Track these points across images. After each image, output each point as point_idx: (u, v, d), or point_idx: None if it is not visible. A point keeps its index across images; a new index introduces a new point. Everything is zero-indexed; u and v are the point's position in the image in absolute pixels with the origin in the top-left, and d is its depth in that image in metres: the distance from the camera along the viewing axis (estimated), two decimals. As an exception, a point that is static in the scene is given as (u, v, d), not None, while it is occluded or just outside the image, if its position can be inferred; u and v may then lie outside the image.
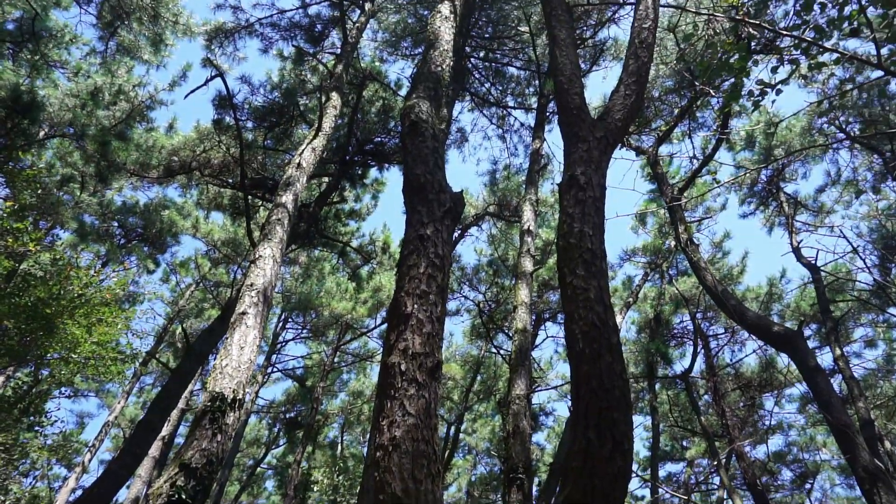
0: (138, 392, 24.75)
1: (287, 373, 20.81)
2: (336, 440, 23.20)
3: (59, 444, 22.75)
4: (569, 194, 3.14)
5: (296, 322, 20.39)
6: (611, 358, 2.57)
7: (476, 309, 16.86)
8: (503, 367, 18.04)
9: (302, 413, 21.19)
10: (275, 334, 20.49)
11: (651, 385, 16.70)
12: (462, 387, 19.21)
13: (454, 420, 19.09)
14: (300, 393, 21.20)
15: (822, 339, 16.47)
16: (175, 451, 17.12)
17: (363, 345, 21.21)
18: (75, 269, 13.10)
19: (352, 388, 22.12)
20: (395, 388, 2.88)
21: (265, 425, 24.19)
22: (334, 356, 18.91)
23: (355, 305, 18.05)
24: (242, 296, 6.37)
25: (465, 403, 18.69)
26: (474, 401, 19.68)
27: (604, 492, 2.31)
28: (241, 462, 25.18)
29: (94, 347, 13.12)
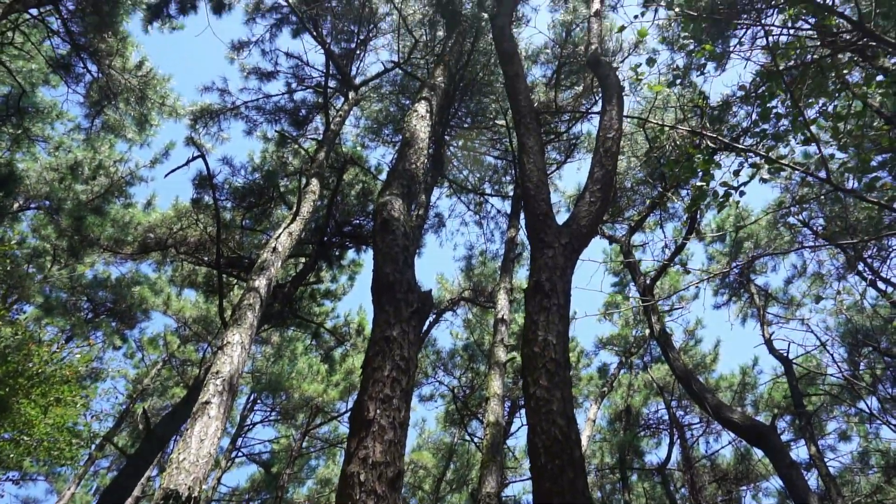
0: (92, 476, 23.42)
1: (253, 457, 19.94)
2: (300, 532, 21.94)
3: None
4: (534, 301, 3.18)
5: (265, 403, 19.77)
6: (573, 474, 2.52)
7: (450, 394, 16.57)
8: (476, 455, 17.54)
9: (266, 502, 20.16)
10: (242, 416, 19.79)
11: (624, 478, 16.30)
12: (434, 476, 18.55)
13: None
14: (265, 479, 20.23)
15: (796, 431, 16.39)
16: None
17: (333, 429, 20.53)
18: (37, 344, 12.69)
19: (320, 476, 21.17)
20: (353, 500, 2.78)
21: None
22: (303, 440, 18.24)
23: (327, 388, 17.63)
24: (207, 384, 6.20)
25: (437, 494, 17.98)
26: (447, 491, 18.95)
27: None
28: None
29: (49, 430, 12.50)
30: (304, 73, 13.97)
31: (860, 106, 5.68)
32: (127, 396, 20.32)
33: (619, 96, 4.77)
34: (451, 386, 16.59)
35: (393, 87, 14.99)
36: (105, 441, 17.10)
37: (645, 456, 17.30)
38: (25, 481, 23.72)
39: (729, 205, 5.97)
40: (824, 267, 15.40)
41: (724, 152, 10.48)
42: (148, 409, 18.28)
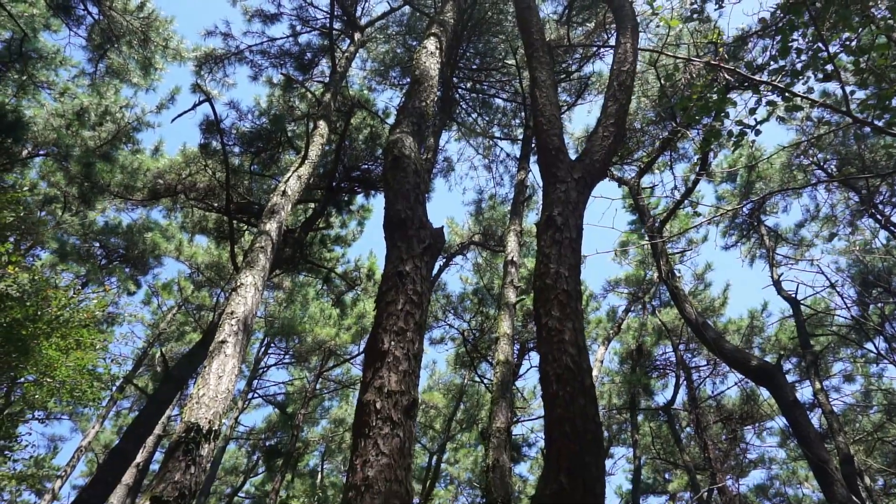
0: (114, 416, 24.25)
1: (268, 399, 20.53)
2: (316, 468, 22.80)
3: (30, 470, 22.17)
4: (546, 235, 3.19)
5: (278, 347, 20.19)
6: (584, 401, 2.58)
7: (460, 337, 16.82)
8: (486, 396, 17.96)
9: (282, 440, 20.86)
10: (256, 359, 20.26)
11: (633, 417, 16.67)
12: (445, 416, 19.05)
13: (436, 449, 18.88)
14: (281, 420, 20.88)
15: (801, 372, 16.60)
16: (149, 478, 16.74)
17: (346, 371, 21.02)
18: (53, 289, 12.91)
19: (334, 416, 21.82)
20: (369, 426, 2.87)
21: (244, 453, 23.74)
22: (316, 382, 18.70)
23: (339, 332, 17.93)
24: (222, 324, 6.32)
25: (448, 433, 18.50)
26: (457, 430, 19.50)
27: (575, 537, 2.31)
28: (218, 490, 24.62)
29: (70, 371, 12.86)
30: (309, 15, 13.63)
31: (884, 40, 5.49)
32: (144, 341, 20.80)
33: (634, 28, 4.62)
34: (462, 329, 16.83)
35: (399, 28, 14.62)
36: (126, 382, 17.60)
37: (653, 396, 17.64)
38: (51, 420, 24.64)
39: (743, 145, 5.86)
40: (837, 209, 15.26)
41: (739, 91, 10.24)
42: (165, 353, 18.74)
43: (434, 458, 18.56)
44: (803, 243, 16.22)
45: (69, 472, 19.02)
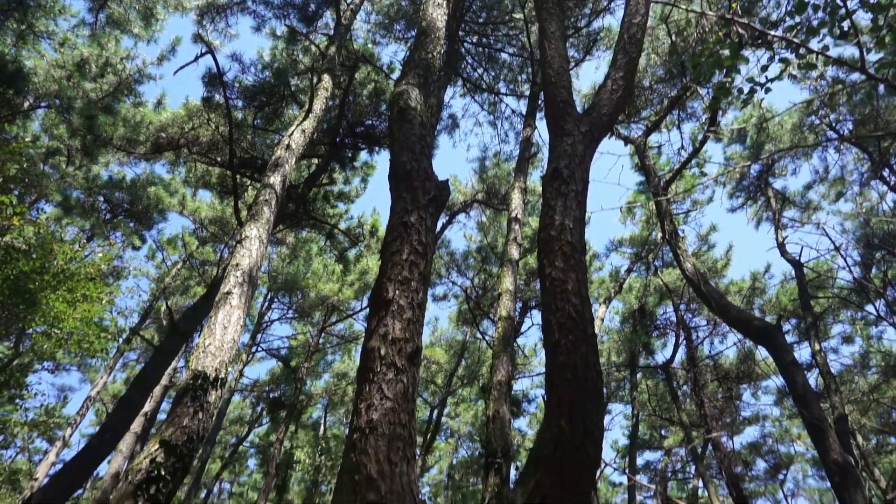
0: (122, 367, 24.70)
1: (272, 352, 20.84)
2: (319, 421, 23.31)
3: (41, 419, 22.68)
4: (551, 187, 3.18)
5: (281, 302, 20.39)
6: (586, 349, 2.62)
7: (463, 294, 16.95)
8: (487, 352, 18.19)
9: (286, 393, 21.27)
10: (260, 314, 20.49)
11: (632, 374, 16.91)
12: (446, 371, 19.35)
13: (437, 403, 19.25)
14: (284, 373, 21.25)
15: (800, 334, 16.75)
16: (157, 427, 17.15)
17: (349, 327, 21.26)
18: (59, 243, 12.98)
19: (336, 370, 22.18)
20: (374, 372, 2.93)
21: (248, 404, 24.26)
22: (319, 337, 18.95)
23: (342, 287, 18.06)
24: (228, 276, 6.38)
25: (449, 388, 18.83)
26: (458, 385, 19.84)
27: (573, 479, 2.38)
28: (223, 440, 25.25)
29: (78, 324, 13.04)
30: (313, -36, 13.28)
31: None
32: (150, 295, 21.02)
33: (647, -22, 4.50)
34: (464, 286, 16.94)
35: (405, -21, 14.27)
36: (132, 334, 17.85)
37: (652, 355, 17.85)
38: (60, 371, 25.11)
39: (753, 103, 5.76)
40: (847, 171, 15.13)
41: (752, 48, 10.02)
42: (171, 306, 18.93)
43: (435, 412, 18.94)
44: (810, 206, 16.14)
45: (79, 420, 19.48)
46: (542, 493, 2.40)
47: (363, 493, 2.62)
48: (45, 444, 25.33)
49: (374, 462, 2.67)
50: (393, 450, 2.73)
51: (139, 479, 4.71)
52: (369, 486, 2.63)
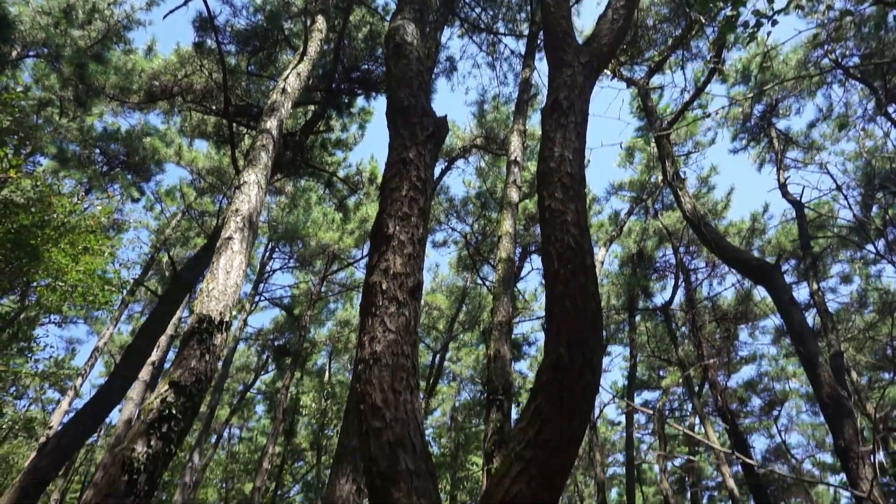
0: (127, 320, 25.03)
1: (275, 301, 21.06)
2: (324, 367, 23.76)
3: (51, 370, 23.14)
4: (551, 118, 3.14)
5: (283, 252, 20.47)
6: (585, 279, 2.65)
7: (462, 241, 16.99)
8: (488, 297, 18.37)
9: (290, 341, 21.61)
10: (262, 263, 20.60)
11: (631, 317, 17.12)
12: (447, 317, 19.59)
13: (439, 349, 19.57)
14: (288, 321, 21.53)
15: (799, 274, 16.87)
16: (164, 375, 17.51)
17: (350, 275, 21.42)
18: (57, 196, 12.94)
19: (339, 318, 22.46)
20: (376, 306, 2.97)
21: (254, 352, 24.68)
22: (321, 286, 19.10)
23: (342, 236, 18.10)
24: (228, 221, 6.38)
25: (450, 333, 19.10)
26: (459, 330, 20.12)
27: (572, 404, 2.44)
28: (231, 387, 25.80)
29: (81, 276, 13.14)
30: None
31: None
32: (151, 247, 21.08)
33: None
34: (464, 232, 16.96)
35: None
36: (136, 286, 18.01)
37: (651, 297, 18.02)
38: (66, 324, 25.44)
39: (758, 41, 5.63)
40: (852, 109, 14.91)
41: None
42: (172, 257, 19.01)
43: (437, 357, 19.29)
44: (813, 146, 15.99)
45: (88, 370, 19.84)
46: (542, 418, 2.46)
47: (369, 420, 2.70)
48: (57, 395, 25.94)
49: (379, 391, 2.73)
50: (396, 379, 2.79)
51: (151, 418, 4.84)
52: (374, 413, 2.70)
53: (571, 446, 2.42)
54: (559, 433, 2.40)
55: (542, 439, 2.40)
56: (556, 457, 2.41)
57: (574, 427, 2.42)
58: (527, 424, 2.48)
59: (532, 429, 2.44)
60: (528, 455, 2.40)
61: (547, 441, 2.40)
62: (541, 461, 2.40)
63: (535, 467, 2.39)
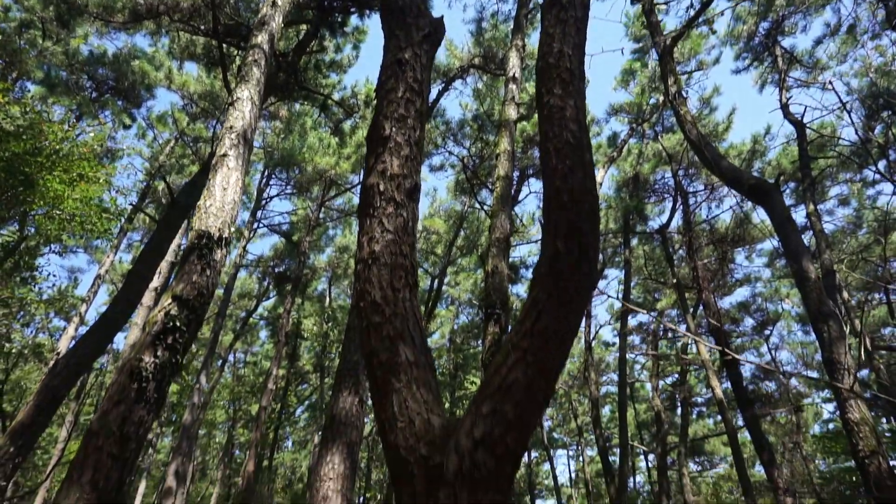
0: (127, 248, 25.15)
1: (273, 228, 21.08)
2: (324, 293, 24.09)
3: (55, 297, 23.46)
4: (550, 14, 3.04)
5: (279, 178, 20.32)
6: (582, 175, 2.64)
7: (460, 164, 16.83)
8: (485, 222, 18.41)
9: (290, 267, 21.80)
10: (259, 190, 20.49)
11: (626, 240, 17.22)
12: (445, 241, 19.68)
13: (437, 273, 19.78)
14: (287, 248, 21.64)
15: (798, 196, 16.86)
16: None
17: (348, 201, 21.36)
18: (48, 123, 12.71)
19: (338, 244, 22.56)
20: (374, 207, 2.98)
21: (255, 279, 24.95)
22: (319, 212, 19.08)
23: (339, 160, 17.91)
24: (222, 138, 6.30)
25: (448, 257, 19.25)
26: (457, 255, 20.27)
27: (569, 295, 2.48)
28: (234, 314, 26.24)
29: (78, 204, 13.11)
30: None
31: None
32: (146, 174, 20.89)
33: None
34: (461, 156, 16.78)
35: None
36: (134, 212, 17.98)
37: (648, 221, 18.06)
38: (67, 254, 25.59)
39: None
40: (861, 26, 14.46)
41: None
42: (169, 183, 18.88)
43: (436, 282, 19.52)
44: (817, 66, 15.61)
45: (91, 297, 20.11)
46: (539, 308, 2.51)
47: (369, 317, 2.76)
48: (63, 323, 26.42)
49: (378, 289, 2.78)
50: (395, 277, 2.83)
51: (156, 330, 4.95)
52: (374, 310, 2.76)
53: (567, 336, 2.49)
54: (556, 323, 2.46)
55: (539, 329, 2.46)
56: (552, 346, 2.48)
57: (570, 317, 2.48)
58: (524, 316, 2.54)
59: (529, 320, 2.49)
60: (525, 345, 2.47)
61: (543, 330, 2.46)
62: (537, 350, 2.47)
63: (532, 356, 2.46)
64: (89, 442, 4.45)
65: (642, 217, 17.19)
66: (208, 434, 31.03)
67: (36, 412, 9.76)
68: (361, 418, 7.14)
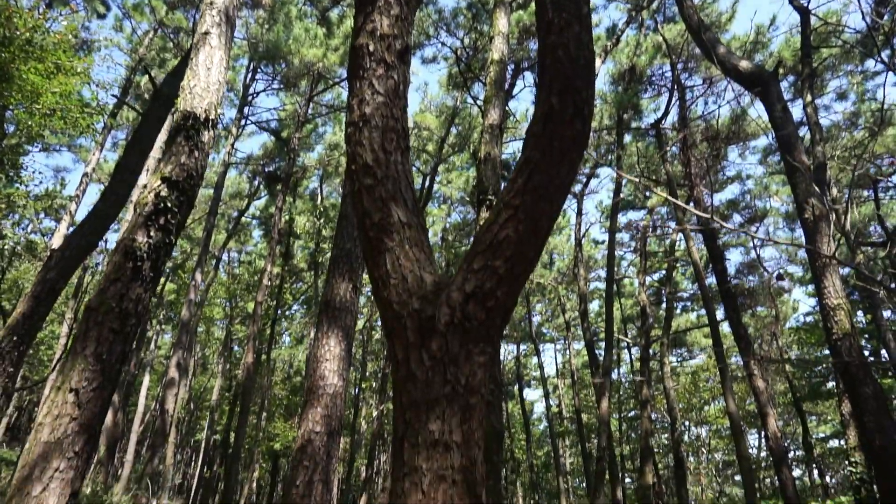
0: (112, 148, 24.67)
1: (261, 125, 20.60)
2: (316, 192, 23.95)
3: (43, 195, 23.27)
4: None
5: (265, 73, 19.61)
6: (579, 28, 2.55)
7: (453, 56, 16.24)
8: (478, 118, 18.03)
9: (280, 167, 21.52)
10: (245, 86, 19.84)
11: (620, 136, 17.00)
12: (437, 138, 19.36)
13: (429, 171, 19.62)
14: (277, 146, 21.26)
15: (796, 91, 16.54)
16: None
17: (337, 96, 20.75)
18: (16, 9, 12.04)
19: (329, 141, 22.15)
20: (364, 68, 2.89)
21: (245, 178, 24.69)
22: (308, 107, 18.60)
23: (326, 52, 17.22)
24: (203, 16, 6.01)
25: (440, 155, 19.01)
26: (449, 153, 20.01)
27: (561, 152, 2.47)
28: (226, 213, 26.19)
29: (57, 98, 12.73)
30: None
31: None
32: (127, 68, 20.10)
33: None
34: (454, 47, 16.15)
35: None
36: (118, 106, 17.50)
37: (643, 117, 17.76)
38: (51, 152, 25.15)
39: None
40: None
41: None
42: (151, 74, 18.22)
43: (427, 180, 19.40)
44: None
45: (80, 196, 19.95)
46: (531, 167, 2.51)
47: (360, 178, 2.75)
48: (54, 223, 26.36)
49: (370, 151, 2.76)
50: (387, 140, 2.80)
51: (148, 211, 4.94)
52: (365, 172, 2.74)
53: (559, 193, 2.50)
54: (548, 180, 2.46)
55: (531, 186, 2.47)
56: (543, 203, 2.50)
57: (562, 175, 2.48)
58: (516, 174, 2.54)
59: (521, 178, 2.50)
60: (517, 202, 2.49)
61: (535, 188, 2.47)
62: (529, 208, 2.49)
63: (524, 213, 2.48)
64: (90, 317, 4.56)
65: (637, 112, 16.86)
66: (207, 331, 31.90)
67: (35, 303, 9.94)
68: (356, 304, 7.31)
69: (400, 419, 2.46)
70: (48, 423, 4.13)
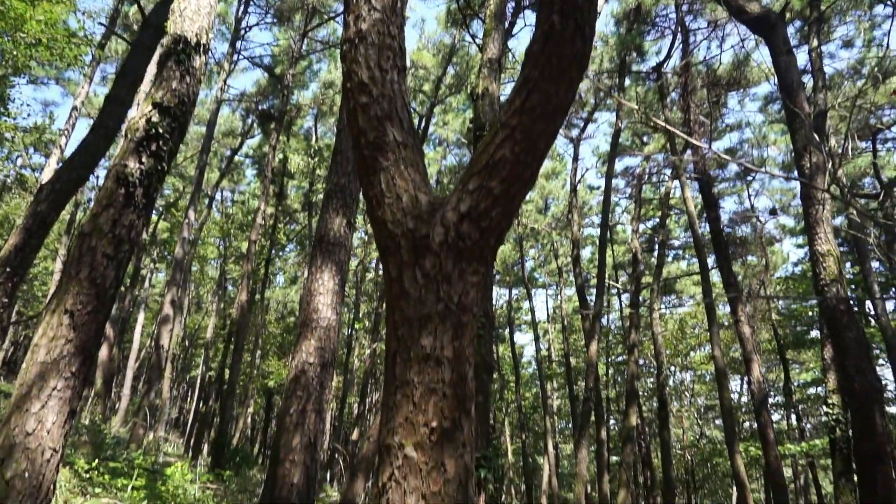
0: (101, 82, 24.08)
1: (254, 61, 20.08)
2: (310, 131, 23.59)
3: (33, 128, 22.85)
4: None
5: (258, 5, 18.97)
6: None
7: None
8: (476, 57, 17.62)
9: (274, 105, 21.11)
10: (237, 19, 19.23)
11: (621, 80, 16.70)
12: (434, 78, 18.95)
13: (425, 113, 19.29)
14: (270, 83, 20.79)
15: (801, 38, 16.21)
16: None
17: (332, 31, 20.16)
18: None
19: (323, 79, 21.66)
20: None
21: (238, 116, 24.24)
22: (302, 43, 18.10)
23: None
24: (192, -66, 5.75)
25: (436, 96, 18.67)
26: (446, 93, 19.64)
27: (561, 71, 2.43)
28: (218, 152, 25.84)
29: (42, 27, 12.38)
30: None
31: None
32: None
33: None
34: (453, -18, 15.59)
35: None
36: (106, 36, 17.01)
37: (644, 59, 17.40)
38: (38, 85, 24.56)
39: None
40: None
41: None
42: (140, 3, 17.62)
43: (423, 121, 19.10)
44: None
45: (70, 130, 19.59)
46: (530, 86, 2.47)
47: (356, 96, 2.71)
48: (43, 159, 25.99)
49: (365, 68, 2.71)
50: (383, 58, 2.75)
51: (139, 137, 4.87)
52: (361, 90, 2.70)
53: (557, 113, 2.47)
54: (547, 100, 2.43)
55: (529, 106, 2.43)
56: (541, 123, 2.47)
57: (562, 94, 2.45)
58: (514, 95, 2.51)
59: (520, 98, 2.46)
60: (514, 122, 2.46)
61: (533, 108, 2.44)
62: (526, 128, 2.46)
63: (521, 133, 2.46)
64: (83, 242, 4.55)
65: (640, 53, 16.51)
66: (201, 270, 31.99)
67: (26, 236, 9.89)
68: (349, 239, 7.33)
69: (392, 336, 2.50)
70: (44, 345, 4.18)
